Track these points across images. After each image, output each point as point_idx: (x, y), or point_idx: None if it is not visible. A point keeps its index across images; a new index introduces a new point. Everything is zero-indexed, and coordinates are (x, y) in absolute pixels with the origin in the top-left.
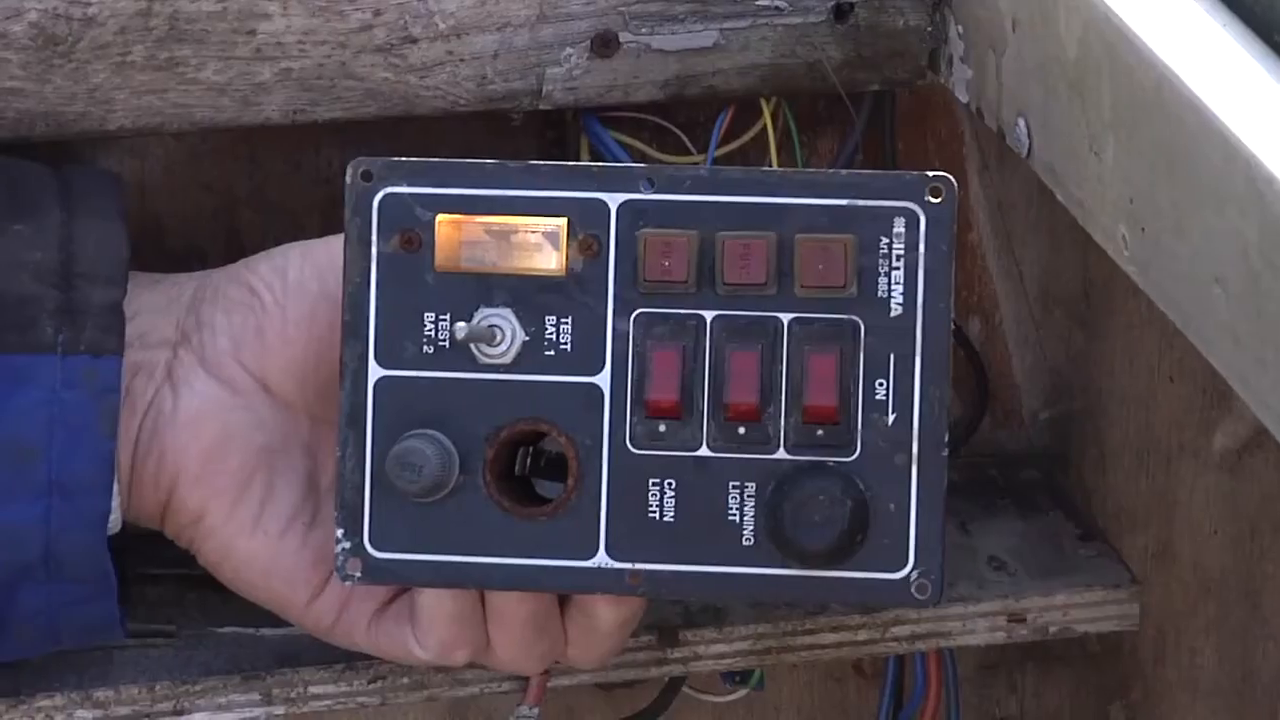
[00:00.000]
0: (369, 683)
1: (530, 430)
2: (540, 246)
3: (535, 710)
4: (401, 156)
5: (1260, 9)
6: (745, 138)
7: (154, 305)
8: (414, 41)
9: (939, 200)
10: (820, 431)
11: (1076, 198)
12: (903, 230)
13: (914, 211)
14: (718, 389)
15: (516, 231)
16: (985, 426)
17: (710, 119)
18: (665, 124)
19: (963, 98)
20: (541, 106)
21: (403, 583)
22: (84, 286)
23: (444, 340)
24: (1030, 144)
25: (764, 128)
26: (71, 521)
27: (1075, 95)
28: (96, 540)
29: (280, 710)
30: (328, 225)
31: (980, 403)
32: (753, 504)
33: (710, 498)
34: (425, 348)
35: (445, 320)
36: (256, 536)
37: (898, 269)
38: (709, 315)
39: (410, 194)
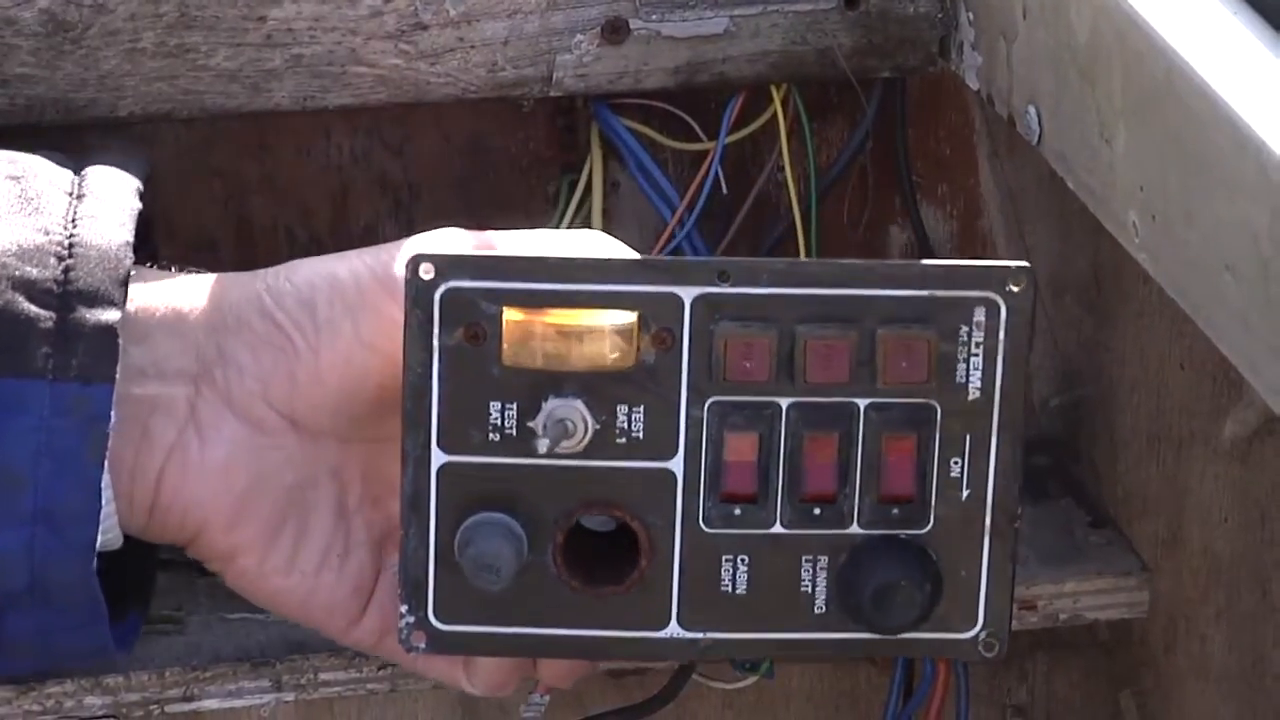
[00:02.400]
0: (378, 670)
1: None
2: (611, 341)
3: (545, 699)
4: (462, 252)
5: None
6: (755, 125)
7: (165, 324)
8: (424, 28)
9: (1020, 289)
10: (895, 510)
11: (1087, 185)
12: (983, 319)
13: (995, 301)
14: (793, 473)
15: (586, 329)
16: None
17: (721, 106)
18: (676, 111)
19: (973, 85)
20: (552, 93)
21: (469, 654)
22: (80, 308)
23: (511, 429)
24: (1041, 131)
25: (774, 115)
26: (57, 551)
27: (1086, 82)
28: (83, 569)
29: (290, 697)
30: (338, 212)
31: None
32: (825, 575)
33: (782, 570)
34: (491, 435)
35: (512, 409)
36: (292, 576)
37: (976, 355)
38: (785, 403)
39: (474, 288)
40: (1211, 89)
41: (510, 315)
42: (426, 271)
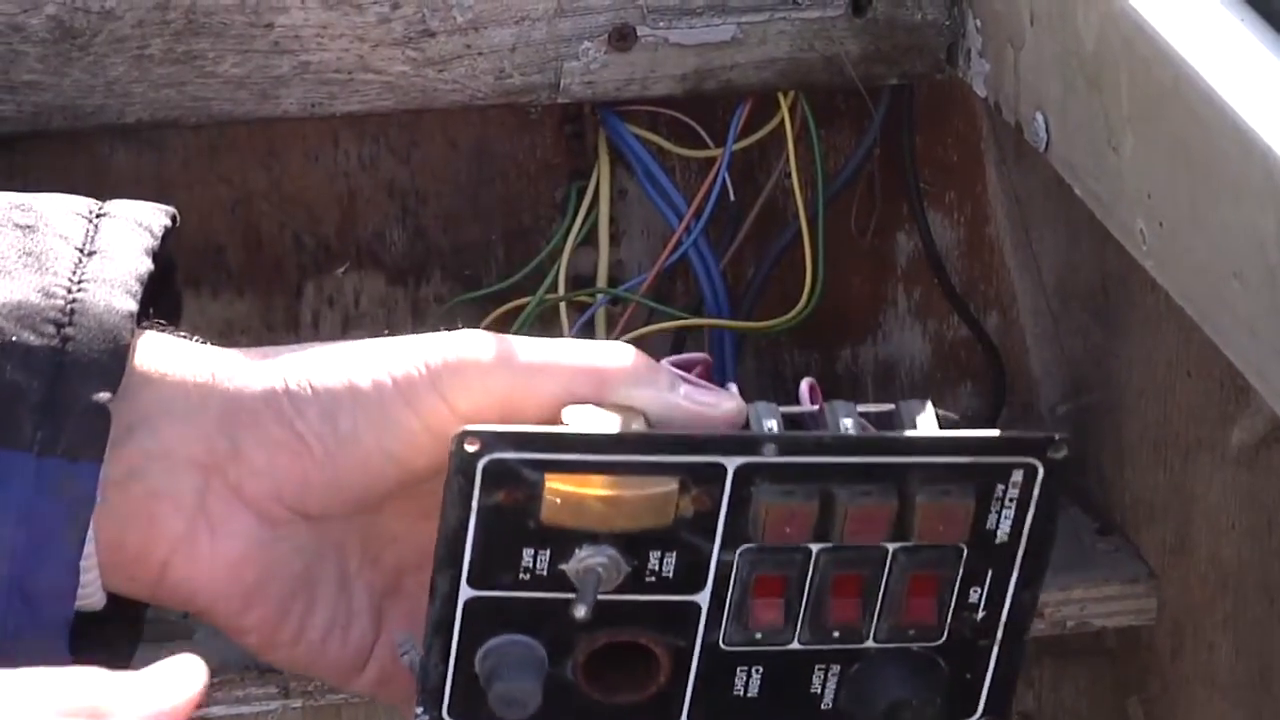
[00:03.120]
0: None
1: (626, 641)
2: (651, 507)
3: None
4: (509, 430)
5: (1278, 3)
6: (763, 132)
7: (176, 408)
8: (432, 35)
9: (1060, 455)
10: (911, 631)
11: (1094, 192)
12: (1020, 480)
13: (1034, 465)
14: (818, 605)
15: (628, 498)
16: (1002, 420)
17: (728, 112)
18: (683, 118)
19: (981, 92)
20: (559, 100)
21: None
22: (74, 380)
23: (542, 571)
24: (1048, 138)
25: (782, 122)
26: (30, 627)
27: (1093, 90)
28: (56, 644)
29: (298, 704)
30: (345, 218)
31: (997, 396)
32: (835, 678)
33: (795, 676)
34: (522, 575)
35: (545, 555)
36: (299, 647)
37: (1009, 509)
38: (817, 548)
39: (518, 459)
40: (1219, 95)
41: (552, 483)
42: (472, 445)
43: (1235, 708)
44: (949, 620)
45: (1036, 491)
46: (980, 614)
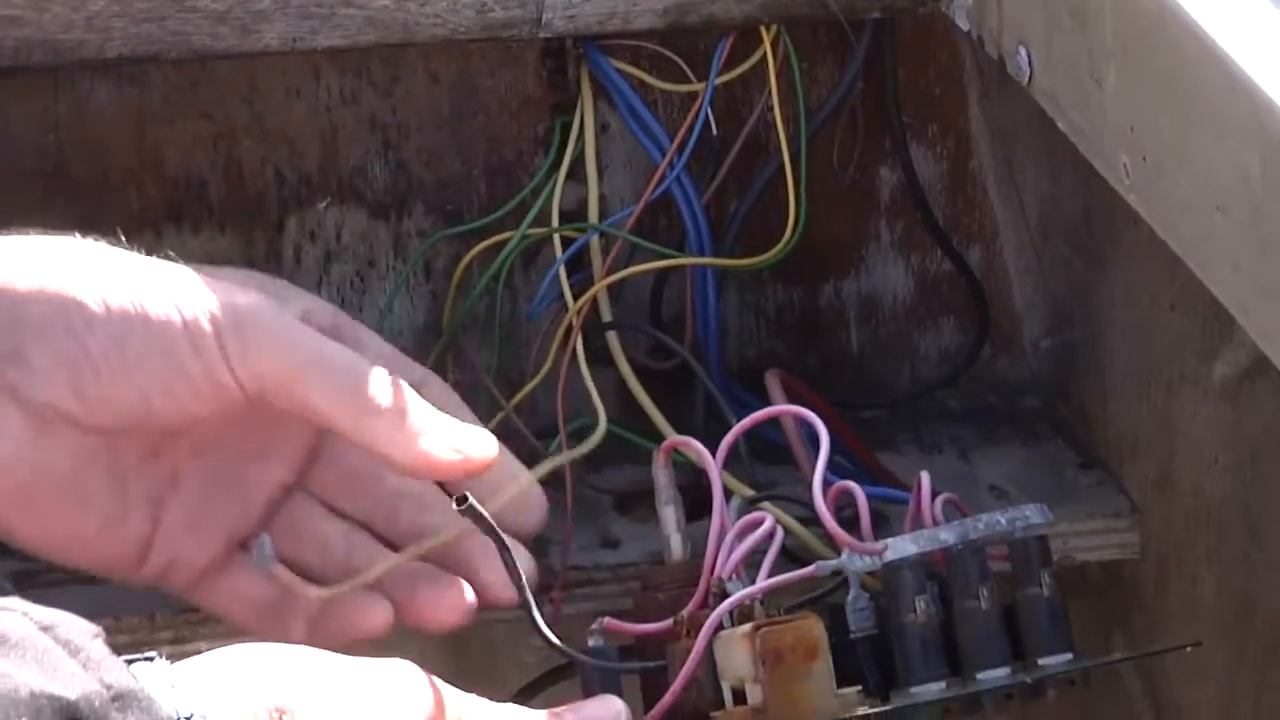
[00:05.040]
0: None
1: None
2: None
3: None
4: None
5: None
6: (745, 66)
7: None
8: None
9: None
10: None
11: (1078, 126)
12: None
13: None
14: None
15: None
16: (986, 355)
17: (710, 47)
18: (665, 52)
19: (963, 25)
20: (541, 35)
21: None
22: None
23: None
24: (1031, 72)
25: (764, 56)
26: None
27: (1077, 23)
28: None
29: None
30: (327, 153)
31: (981, 331)
32: None
33: None
34: None
35: None
36: (73, 544)
37: None
38: None
39: None
40: (1203, 29)
41: None
42: None
43: (1218, 641)
44: None
45: None
46: None
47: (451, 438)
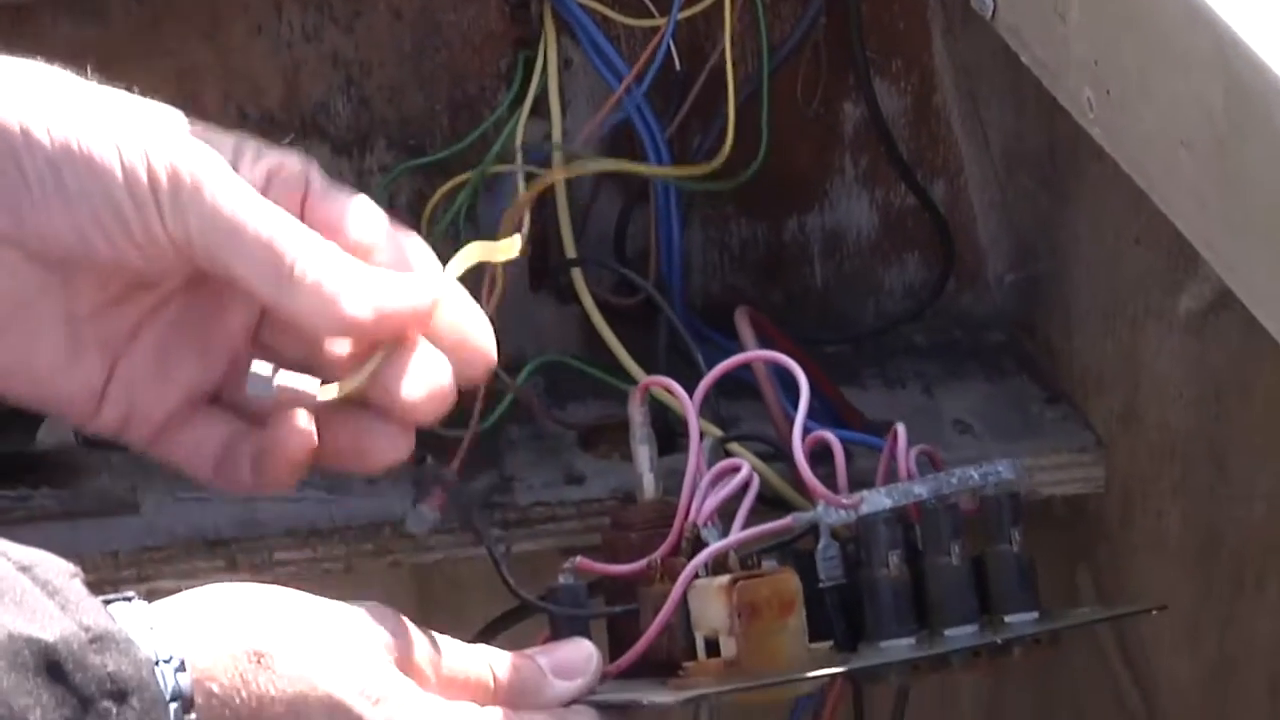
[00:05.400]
0: (334, 549)
1: None
2: None
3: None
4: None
5: None
6: (708, 1)
7: None
8: None
9: None
10: None
11: (1041, 60)
12: None
13: None
14: None
15: None
16: (950, 289)
17: None
18: None
19: None
20: None
21: None
22: None
23: None
24: (995, 6)
25: None
26: None
27: None
28: None
29: (245, 577)
30: (289, 90)
31: (945, 265)
32: None
33: None
34: None
35: None
36: (24, 376)
37: None
38: None
39: None
40: None
41: None
42: None
43: (1183, 575)
44: None
45: None
46: None
47: (375, 296)
